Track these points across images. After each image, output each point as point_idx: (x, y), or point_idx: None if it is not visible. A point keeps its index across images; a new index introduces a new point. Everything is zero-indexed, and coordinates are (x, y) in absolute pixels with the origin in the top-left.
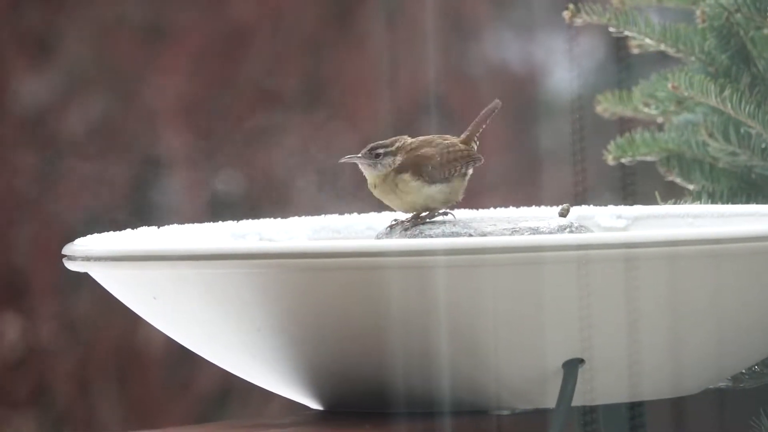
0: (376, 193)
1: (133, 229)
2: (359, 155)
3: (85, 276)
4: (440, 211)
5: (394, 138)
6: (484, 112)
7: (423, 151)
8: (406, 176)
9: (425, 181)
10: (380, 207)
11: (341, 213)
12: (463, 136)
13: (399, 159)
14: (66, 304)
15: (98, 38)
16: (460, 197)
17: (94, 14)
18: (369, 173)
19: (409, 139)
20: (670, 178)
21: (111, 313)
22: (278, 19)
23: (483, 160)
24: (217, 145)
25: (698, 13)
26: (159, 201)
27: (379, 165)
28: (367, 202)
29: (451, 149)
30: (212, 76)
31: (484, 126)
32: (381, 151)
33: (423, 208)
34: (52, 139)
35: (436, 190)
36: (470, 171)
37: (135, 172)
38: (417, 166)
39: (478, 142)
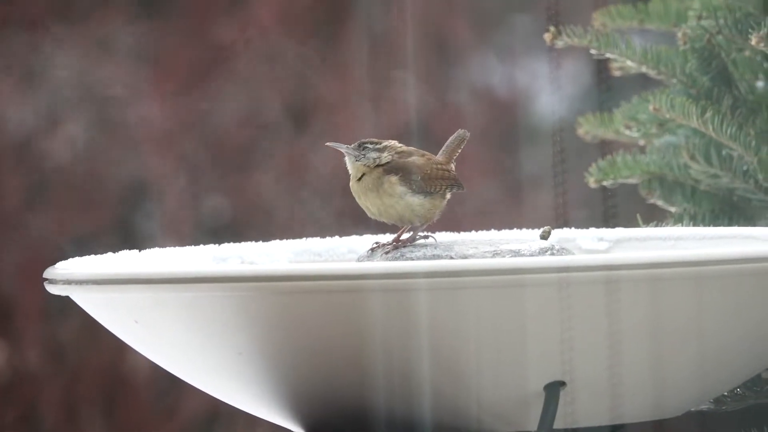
0: (356, 187)
1: (114, 252)
2: (346, 146)
3: (71, 301)
4: (421, 234)
5: (383, 139)
6: (451, 139)
7: (413, 159)
8: (394, 179)
9: (410, 189)
10: (361, 230)
11: (323, 236)
12: (440, 157)
13: (386, 157)
14: (52, 329)
15: (83, 63)
16: (436, 217)
17: (79, 40)
18: (352, 164)
19: (398, 144)
20: (652, 201)
21: (98, 338)
22: (262, 44)
23: (464, 189)
24: (202, 170)
25: (680, 35)
26: (145, 226)
27: (362, 157)
28: (351, 225)
29: (439, 167)
30: (197, 101)
31: (457, 153)
32: (369, 146)
33: (397, 217)
34: (37, 164)
35: (417, 202)
36: (449, 194)
37: (121, 197)
38: (407, 173)
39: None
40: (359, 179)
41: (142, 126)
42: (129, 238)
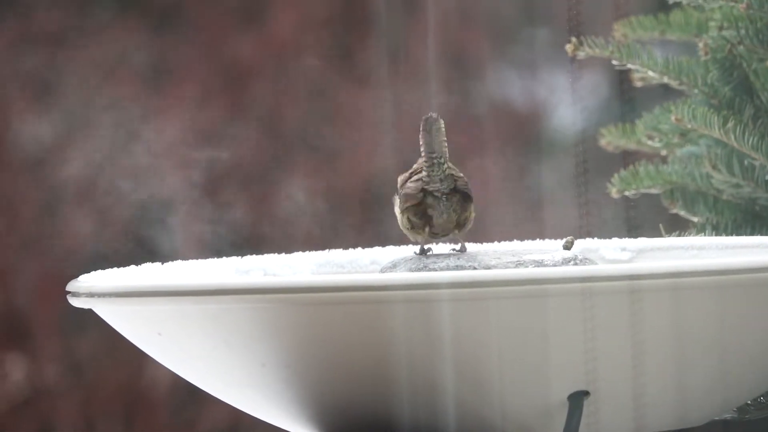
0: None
1: (136, 265)
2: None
3: (90, 316)
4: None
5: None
6: (422, 134)
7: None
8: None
9: None
10: (383, 242)
11: (345, 249)
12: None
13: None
14: (70, 345)
15: (99, 79)
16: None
17: (94, 55)
18: None
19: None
20: (674, 211)
21: (116, 353)
22: (280, 58)
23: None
24: (221, 184)
25: (701, 45)
26: (163, 241)
27: None
28: (371, 237)
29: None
30: (214, 115)
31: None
32: None
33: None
34: (54, 180)
35: None
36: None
37: (138, 212)
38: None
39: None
40: None
41: (160, 140)
42: (147, 253)
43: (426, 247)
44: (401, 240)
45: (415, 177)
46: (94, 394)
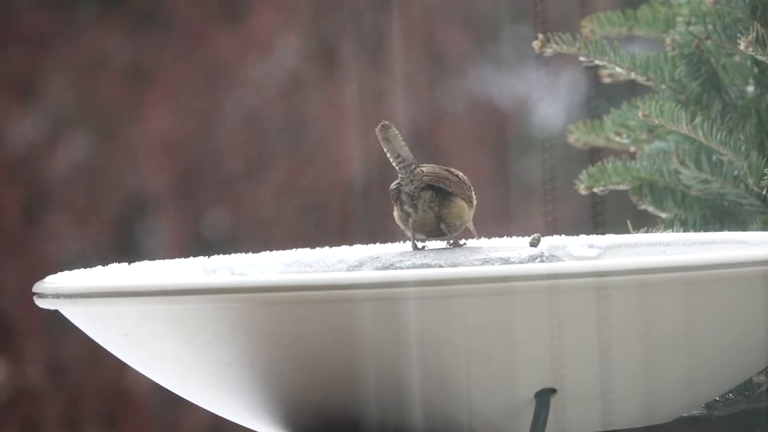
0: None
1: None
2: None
3: None
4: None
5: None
6: (381, 143)
7: None
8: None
9: None
10: (364, 240)
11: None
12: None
13: None
14: (54, 346)
15: (81, 79)
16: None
17: (76, 55)
18: None
19: None
20: (643, 207)
21: (99, 355)
22: (261, 57)
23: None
24: (201, 183)
25: (668, 41)
26: (144, 240)
27: None
28: (352, 235)
29: None
30: (195, 114)
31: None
32: None
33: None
34: (36, 180)
35: None
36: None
37: (120, 212)
38: None
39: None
40: None
41: (141, 140)
42: (129, 252)
43: (420, 244)
44: (382, 237)
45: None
46: (77, 396)
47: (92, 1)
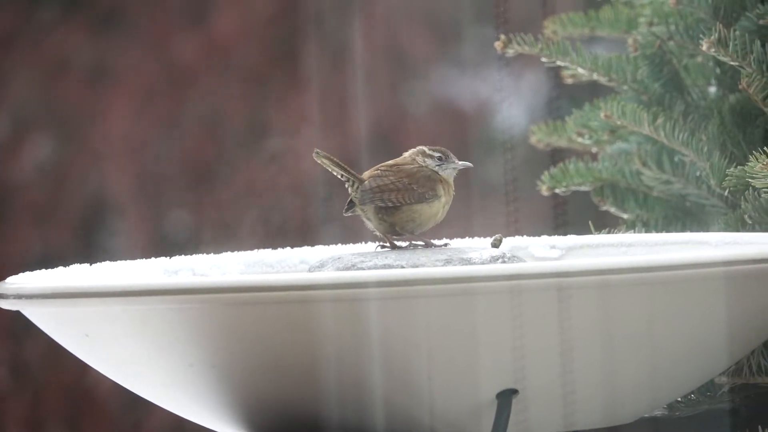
0: (449, 187)
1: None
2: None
3: None
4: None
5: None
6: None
7: None
8: None
9: None
10: (326, 240)
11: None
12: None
13: None
14: (17, 347)
15: (43, 80)
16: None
17: (39, 57)
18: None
19: None
20: (605, 208)
21: (61, 355)
22: (223, 59)
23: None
24: (163, 184)
25: (630, 41)
26: (107, 241)
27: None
28: (312, 238)
29: None
30: (157, 116)
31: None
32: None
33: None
34: None
35: None
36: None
37: (82, 213)
38: None
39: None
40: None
41: (103, 142)
42: (92, 253)
43: (401, 243)
44: (345, 238)
45: None
46: (40, 396)
47: (55, 2)
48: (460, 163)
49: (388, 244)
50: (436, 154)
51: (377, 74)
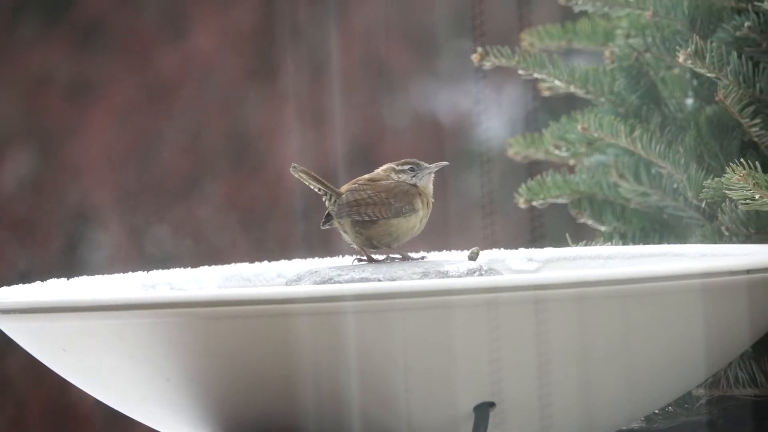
0: (427, 199)
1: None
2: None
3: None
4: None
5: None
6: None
7: None
8: None
9: None
10: (299, 255)
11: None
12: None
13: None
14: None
15: (24, 95)
16: None
17: (20, 71)
18: (429, 183)
19: None
20: (582, 220)
21: (44, 370)
22: (203, 74)
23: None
24: (144, 198)
25: (607, 53)
26: (89, 255)
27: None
28: (291, 251)
29: None
30: (138, 130)
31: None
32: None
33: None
34: None
35: None
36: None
37: (64, 228)
38: None
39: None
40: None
41: (84, 157)
42: (72, 267)
43: (378, 256)
44: (323, 251)
45: None
46: (22, 411)
47: (35, 17)
48: (434, 165)
49: (365, 258)
50: (407, 167)
51: (356, 87)
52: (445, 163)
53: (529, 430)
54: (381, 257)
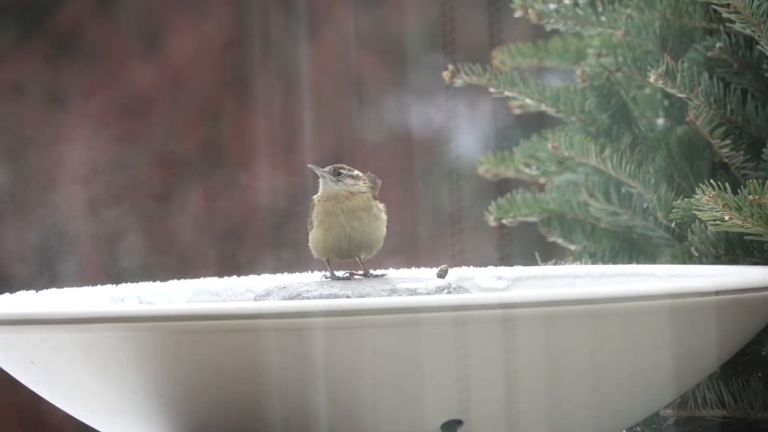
0: (337, 207)
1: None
2: (324, 168)
3: None
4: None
5: (351, 167)
6: None
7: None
8: (381, 206)
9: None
10: (281, 267)
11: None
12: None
13: (362, 185)
14: None
15: None
16: None
17: None
18: (328, 187)
19: (362, 174)
20: (552, 239)
21: (16, 382)
22: (178, 85)
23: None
24: (117, 211)
25: (578, 72)
26: (59, 269)
27: (340, 182)
28: (263, 266)
29: None
30: (112, 142)
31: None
32: (343, 171)
33: (371, 242)
34: None
35: (385, 232)
36: None
37: (36, 239)
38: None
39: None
40: (343, 201)
41: (57, 168)
42: (43, 280)
43: (339, 274)
44: (297, 266)
45: None
46: None
47: (10, 27)
48: (319, 171)
49: (329, 275)
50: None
51: (329, 101)
52: (311, 165)
53: None
54: (340, 274)
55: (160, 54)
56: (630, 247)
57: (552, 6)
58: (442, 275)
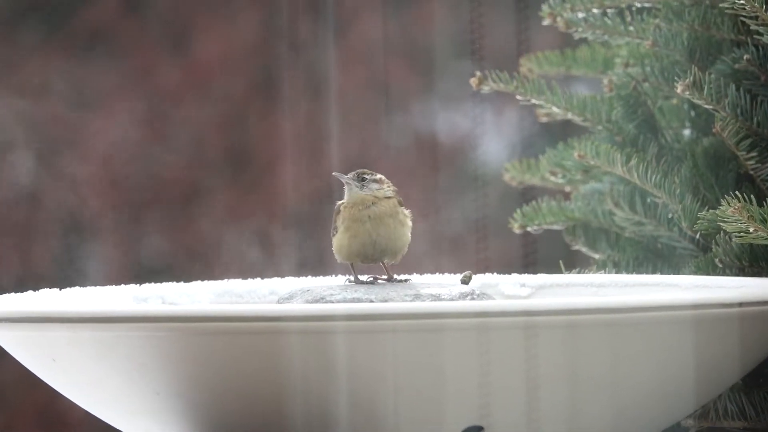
0: (363, 214)
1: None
2: (347, 175)
3: None
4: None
5: (374, 172)
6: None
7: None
8: (407, 211)
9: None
10: (298, 272)
11: (263, 278)
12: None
13: (388, 190)
14: None
15: (24, 104)
16: None
17: (19, 80)
18: (353, 194)
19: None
20: (576, 247)
21: (35, 377)
22: (205, 86)
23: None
24: (143, 212)
25: (605, 82)
26: (85, 268)
27: (366, 188)
28: (286, 268)
29: None
30: (137, 142)
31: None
32: (367, 176)
33: (396, 248)
34: None
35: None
36: None
37: (61, 238)
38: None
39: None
40: (369, 206)
41: (83, 166)
42: (69, 279)
43: (363, 278)
44: (318, 270)
45: None
46: (13, 420)
47: (36, 25)
48: (344, 178)
49: (353, 278)
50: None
51: (355, 106)
52: (336, 174)
53: None
54: (364, 278)
55: (188, 55)
56: (654, 257)
57: (580, 15)
58: (465, 281)
